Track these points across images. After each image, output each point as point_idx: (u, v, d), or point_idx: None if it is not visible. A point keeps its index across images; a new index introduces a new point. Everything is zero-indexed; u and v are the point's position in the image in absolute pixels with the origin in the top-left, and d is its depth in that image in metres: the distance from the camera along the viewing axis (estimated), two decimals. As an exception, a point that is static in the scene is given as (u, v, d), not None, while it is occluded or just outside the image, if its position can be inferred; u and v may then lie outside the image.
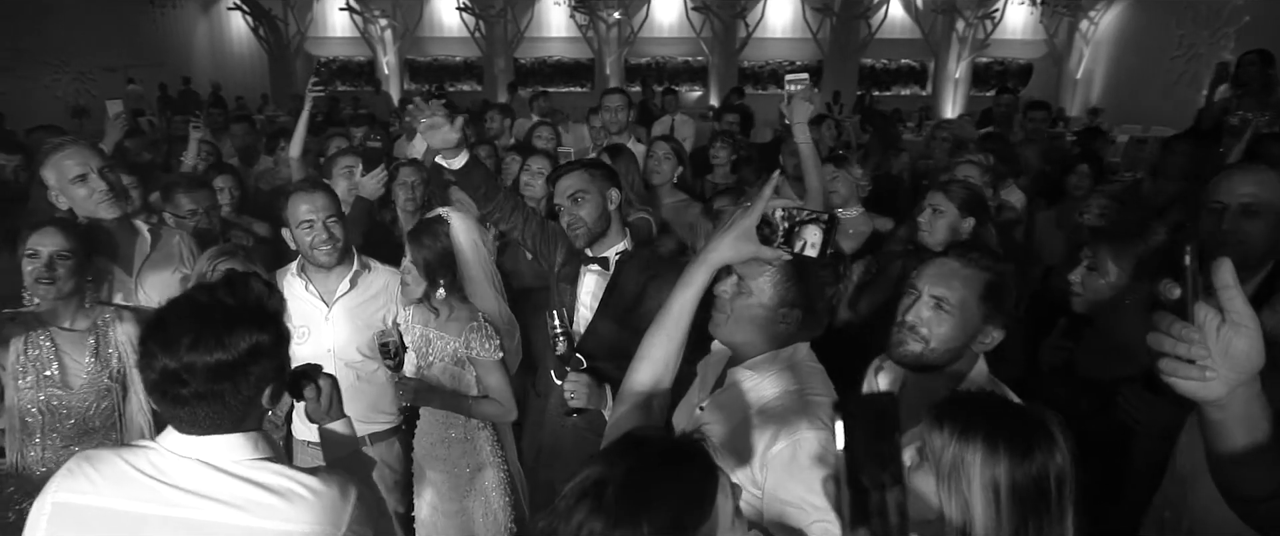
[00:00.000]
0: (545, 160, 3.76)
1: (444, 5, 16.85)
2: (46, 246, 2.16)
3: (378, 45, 16.70)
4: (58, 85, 12.85)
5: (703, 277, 1.40)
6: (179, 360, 1.19)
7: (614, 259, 2.41)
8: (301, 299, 2.57)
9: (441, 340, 2.46)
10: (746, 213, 1.35)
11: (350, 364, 2.59)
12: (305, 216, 2.46)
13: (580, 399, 2.23)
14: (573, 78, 17.13)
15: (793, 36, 16.63)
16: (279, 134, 5.72)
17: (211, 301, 1.25)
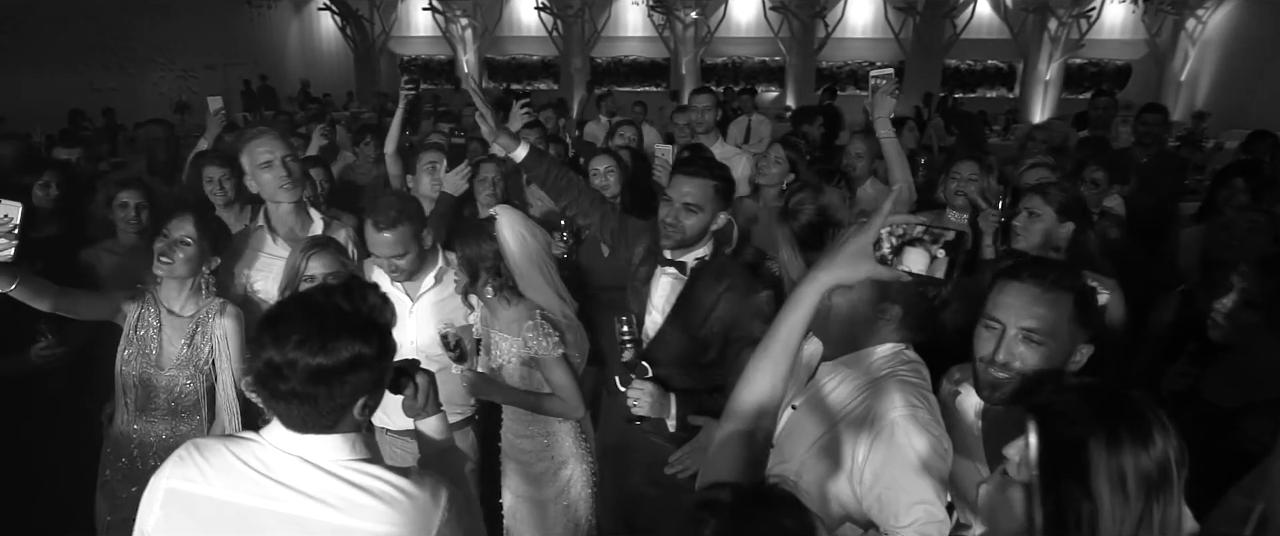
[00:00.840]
0: (611, 160, 3.73)
1: (523, 4, 17.13)
2: (176, 231, 2.37)
3: (458, 44, 17.10)
4: (163, 82, 13.57)
5: (813, 299, 1.29)
6: (284, 355, 1.22)
7: (691, 265, 2.35)
8: (387, 292, 2.60)
9: (505, 340, 2.46)
10: (863, 229, 1.24)
11: (431, 357, 2.59)
12: (376, 251, 2.50)
13: (643, 407, 2.21)
14: (648, 77, 17.14)
15: (873, 36, 16.23)
16: (364, 130, 5.88)
17: (326, 304, 1.27)
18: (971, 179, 3.25)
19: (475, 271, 2.41)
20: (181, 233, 2.37)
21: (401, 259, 2.50)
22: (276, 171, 2.69)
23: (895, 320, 1.64)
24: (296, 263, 2.41)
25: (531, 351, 2.37)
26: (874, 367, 1.64)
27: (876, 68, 2.91)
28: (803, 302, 1.29)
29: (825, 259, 1.28)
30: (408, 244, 2.49)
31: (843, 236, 1.27)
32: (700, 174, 2.29)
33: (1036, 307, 1.52)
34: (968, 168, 3.29)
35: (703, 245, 2.35)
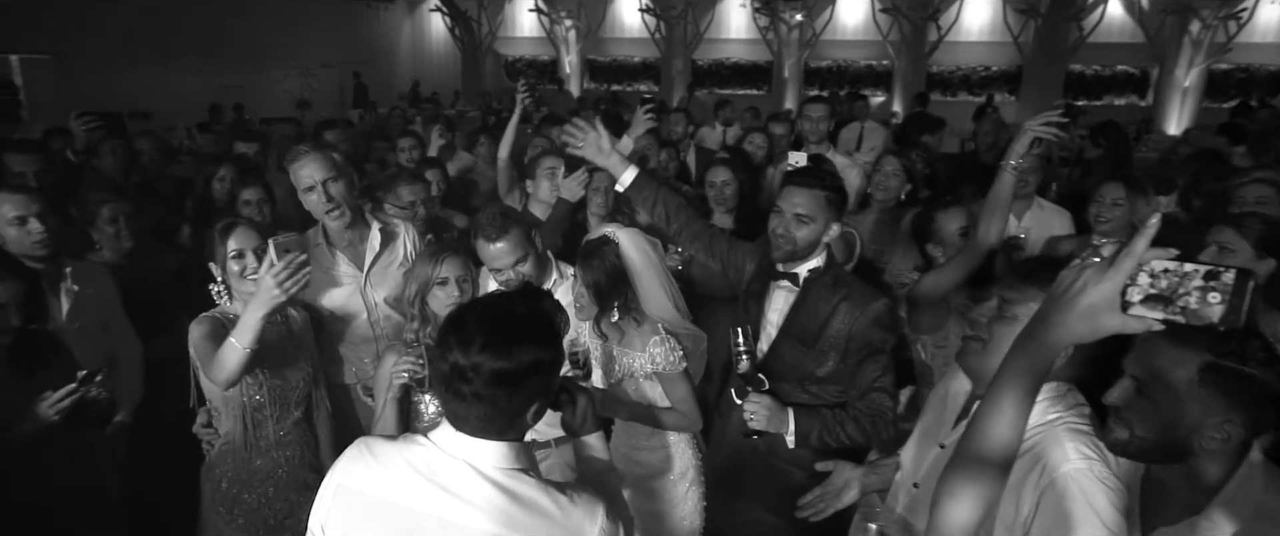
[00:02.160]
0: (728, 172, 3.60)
1: (626, 6, 17.21)
2: (249, 244, 2.33)
3: (562, 45, 17.35)
4: (287, 79, 14.35)
5: (1048, 365, 1.08)
6: (469, 358, 1.24)
7: (804, 276, 2.26)
8: None
9: (626, 357, 2.42)
10: (1103, 274, 0.99)
11: None
12: (493, 265, 2.46)
13: (760, 421, 2.15)
14: (749, 80, 16.89)
15: (989, 40, 15.44)
16: (478, 132, 5.98)
17: (507, 309, 1.31)
18: (1117, 203, 2.98)
19: (603, 296, 2.36)
20: (253, 244, 2.36)
21: (523, 264, 2.45)
22: (318, 195, 2.59)
23: (1064, 358, 1.48)
24: (427, 270, 2.40)
25: (657, 366, 2.34)
26: (1039, 411, 1.48)
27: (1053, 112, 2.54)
28: (1036, 370, 1.07)
29: (1051, 313, 1.04)
30: (524, 246, 2.45)
31: (1068, 282, 1.04)
32: (811, 184, 2.22)
33: (1156, 357, 1.29)
34: (1114, 190, 3.01)
35: (816, 256, 2.27)
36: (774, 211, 2.25)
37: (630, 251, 2.38)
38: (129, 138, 4.22)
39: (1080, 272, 1.03)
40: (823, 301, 2.21)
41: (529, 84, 4.44)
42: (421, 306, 2.34)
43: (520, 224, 2.48)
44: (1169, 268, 0.95)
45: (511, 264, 2.43)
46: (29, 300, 2.14)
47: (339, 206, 2.61)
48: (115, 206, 2.96)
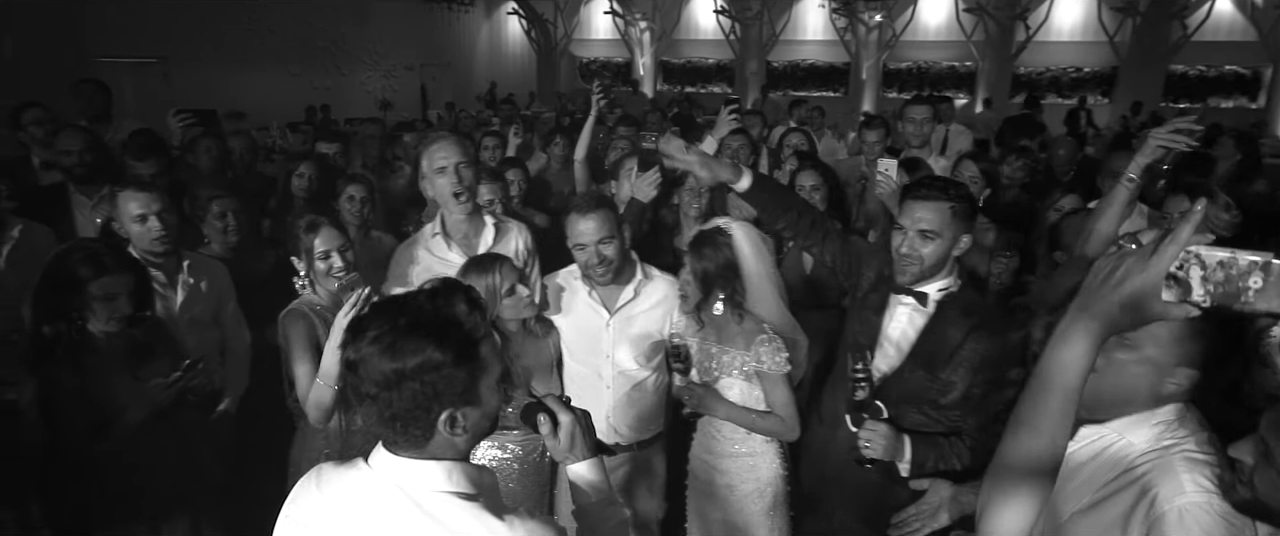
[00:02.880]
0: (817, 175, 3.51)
1: (701, 8, 17.14)
2: (335, 244, 2.42)
3: (636, 47, 17.40)
4: (370, 81, 14.82)
5: (1091, 356, 1.02)
6: (358, 352, 1.16)
7: (935, 297, 2.12)
8: (584, 305, 2.58)
9: (727, 354, 2.37)
10: (1146, 262, 0.95)
11: (626, 373, 2.57)
12: (579, 240, 2.45)
13: (877, 450, 2.04)
14: (826, 82, 16.60)
15: (1082, 39, 14.74)
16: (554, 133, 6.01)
17: (408, 305, 1.19)
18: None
19: (710, 285, 2.33)
20: (338, 243, 2.45)
21: (607, 245, 2.42)
22: (450, 177, 2.61)
23: (1185, 380, 1.35)
24: (491, 283, 2.40)
25: (762, 365, 2.29)
26: (1153, 436, 1.36)
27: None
28: (1078, 363, 1.02)
29: (1092, 302, 1.00)
30: (613, 228, 2.44)
31: (1107, 271, 0.99)
32: (934, 196, 2.07)
33: None
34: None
35: (945, 274, 2.13)
36: (896, 229, 2.13)
37: (743, 245, 2.35)
38: (223, 136, 4.38)
39: (1120, 261, 0.98)
40: (955, 327, 2.07)
41: (604, 85, 4.43)
42: (492, 319, 2.35)
43: (614, 209, 2.49)
44: (1222, 259, 0.91)
45: (596, 241, 2.41)
46: (138, 290, 2.23)
47: (467, 191, 2.64)
48: (224, 202, 3.08)
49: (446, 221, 2.73)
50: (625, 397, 2.57)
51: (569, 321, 2.60)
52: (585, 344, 2.57)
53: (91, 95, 4.78)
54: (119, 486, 2.24)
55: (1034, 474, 1.08)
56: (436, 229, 2.73)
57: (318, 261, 2.41)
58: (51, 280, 2.17)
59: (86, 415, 2.15)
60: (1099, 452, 1.41)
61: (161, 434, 2.26)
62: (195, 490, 2.42)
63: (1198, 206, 0.97)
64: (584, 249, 2.44)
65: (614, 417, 2.57)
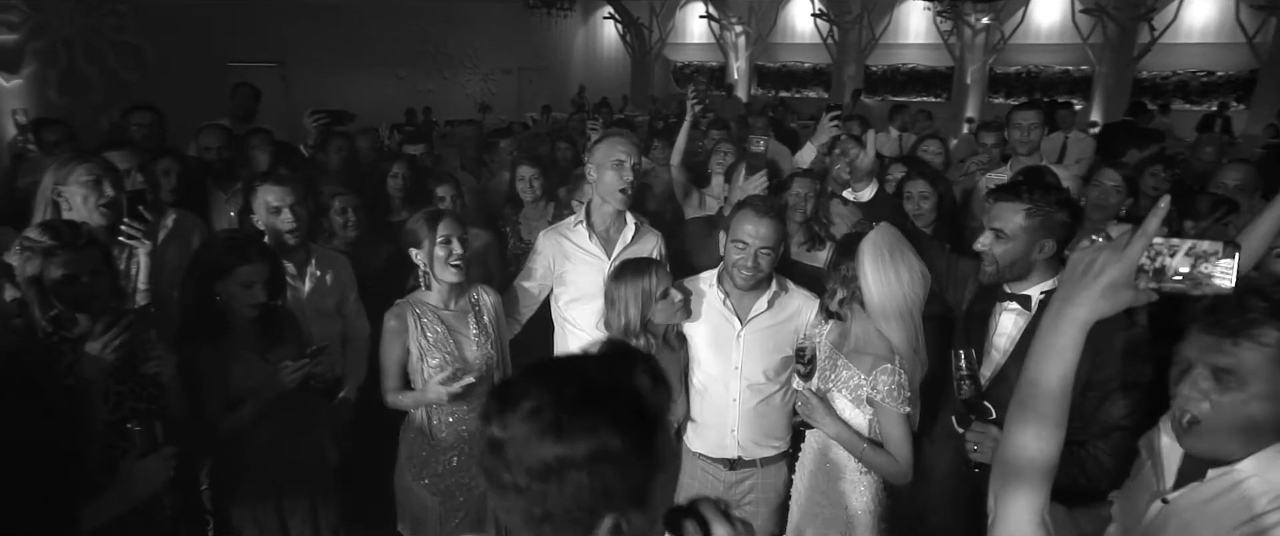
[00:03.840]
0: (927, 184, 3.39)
1: (798, 11, 16.89)
2: (456, 233, 2.48)
3: (731, 51, 17.30)
4: (470, 84, 15.30)
5: (1079, 341, 1.12)
6: (506, 428, 0.89)
7: (1038, 298, 2.06)
8: (716, 312, 2.55)
9: (848, 371, 2.27)
10: (1120, 254, 1.08)
11: (753, 385, 2.52)
12: (744, 238, 2.41)
13: (985, 453, 1.96)
14: (927, 86, 16.03)
15: (1214, 41, 13.70)
16: (651, 136, 6.04)
17: (577, 371, 0.94)
18: None
19: (846, 286, 2.27)
20: (459, 232, 2.51)
21: (769, 255, 2.40)
22: (623, 173, 2.70)
23: None
24: (647, 284, 2.40)
25: (877, 395, 2.19)
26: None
27: None
28: (1069, 347, 1.11)
29: (1074, 293, 1.11)
30: (780, 239, 2.42)
31: (1085, 263, 1.11)
32: (1009, 197, 2.05)
33: None
34: None
35: (1048, 275, 2.06)
36: (973, 227, 2.10)
37: (866, 248, 2.23)
38: (351, 135, 4.60)
39: (1096, 254, 1.10)
40: None
41: (699, 90, 4.41)
42: (644, 322, 2.36)
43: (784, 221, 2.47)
44: (1188, 247, 1.05)
45: (759, 246, 2.38)
46: (272, 280, 2.36)
47: (628, 187, 2.72)
48: (346, 199, 3.23)
49: (593, 214, 2.83)
50: (752, 412, 2.52)
51: (700, 328, 2.57)
52: (714, 353, 2.54)
53: (246, 98, 5.24)
54: (248, 463, 2.38)
55: (1039, 464, 1.14)
56: (580, 219, 2.83)
57: (438, 248, 2.47)
58: (199, 266, 2.33)
59: (221, 392, 2.30)
60: (1224, 490, 1.33)
61: (286, 416, 2.38)
62: (314, 472, 2.54)
63: (1163, 203, 1.08)
64: (744, 248, 2.40)
65: (739, 432, 2.53)
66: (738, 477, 2.57)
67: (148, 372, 2.12)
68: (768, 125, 7.20)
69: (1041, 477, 1.14)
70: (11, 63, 7.94)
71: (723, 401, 2.52)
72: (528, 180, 3.86)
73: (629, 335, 2.38)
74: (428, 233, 2.47)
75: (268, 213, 2.77)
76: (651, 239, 2.90)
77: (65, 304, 1.93)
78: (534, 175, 3.87)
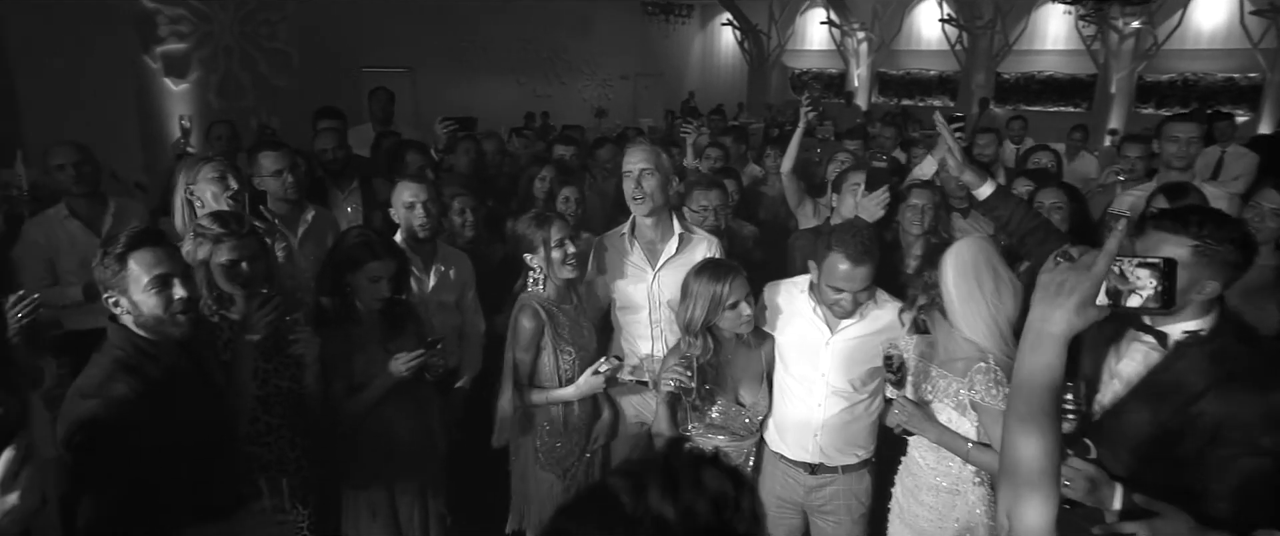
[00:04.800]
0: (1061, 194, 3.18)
1: (925, 16, 16.25)
2: (567, 233, 2.59)
3: (851, 57, 16.82)
4: (586, 89, 15.61)
5: (1062, 352, 1.23)
6: None
7: (1177, 338, 1.82)
8: (806, 319, 2.53)
9: (944, 380, 2.22)
10: (1086, 275, 1.21)
11: (840, 393, 2.50)
12: (840, 283, 2.38)
13: (1077, 491, 1.79)
14: (1064, 95, 15.02)
15: None
16: (765, 144, 5.95)
17: (639, 514, 0.72)
18: None
19: (931, 293, 2.24)
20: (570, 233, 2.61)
21: (863, 293, 2.39)
22: (630, 182, 2.75)
23: None
24: (718, 290, 2.39)
25: (975, 396, 2.12)
26: None
27: None
28: (1054, 363, 1.22)
29: (1050, 312, 1.22)
30: (874, 273, 2.38)
31: (1056, 283, 1.23)
32: (1173, 227, 1.76)
33: None
34: None
35: (1195, 315, 1.82)
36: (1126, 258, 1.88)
37: (948, 259, 2.17)
38: (478, 139, 4.81)
39: (1066, 275, 1.23)
40: (1196, 374, 1.76)
41: (813, 97, 4.31)
42: (705, 327, 2.38)
43: (876, 253, 2.37)
44: (1140, 263, 1.28)
45: (859, 290, 2.36)
46: (398, 276, 2.49)
47: (645, 198, 2.74)
48: (465, 199, 3.37)
49: (636, 224, 2.88)
50: (836, 418, 2.51)
51: (789, 334, 2.57)
52: (802, 359, 2.53)
53: (384, 102, 5.62)
54: (364, 446, 2.49)
55: (1042, 471, 1.22)
56: (624, 230, 2.88)
57: (553, 250, 2.55)
58: (333, 259, 2.48)
59: (346, 377, 2.44)
60: None
61: (402, 403, 2.50)
62: (425, 459, 2.63)
63: (1120, 226, 1.21)
64: (841, 293, 2.38)
65: (822, 437, 2.52)
66: (818, 482, 2.56)
67: (292, 353, 2.30)
68: (897, 136, 6.96)
69: (1050, 483, 1.22)
70: (180, 69, 8.74)
71: (807, 406, 2.51)
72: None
73: (690, 332, 2.42)
74: (542, 236, 2.56)
75: (403, 208, 2.91)
76: (703, 245, 2.88)
77: (236, 285, 2.18)
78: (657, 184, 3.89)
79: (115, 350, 1.81)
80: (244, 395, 2.13)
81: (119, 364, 1.79)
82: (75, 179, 3.31)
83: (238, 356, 2.12)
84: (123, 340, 1.83)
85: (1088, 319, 1.21)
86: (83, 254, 3.19)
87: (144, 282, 1.80)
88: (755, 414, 2.57)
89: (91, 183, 3.37)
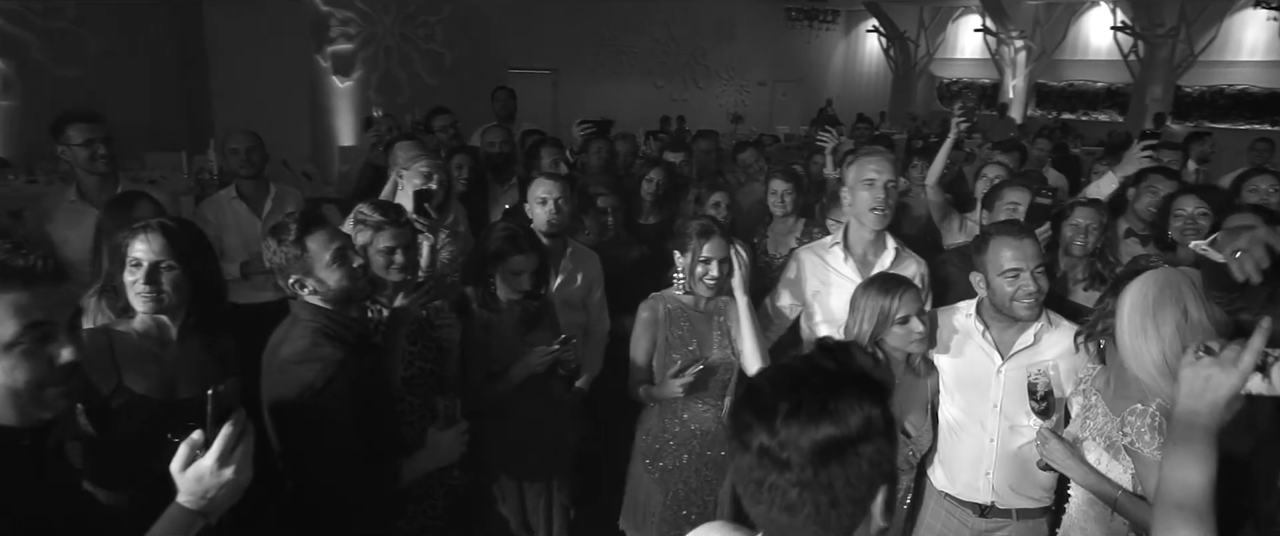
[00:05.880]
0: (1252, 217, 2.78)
1: (1094, 24, 15.02)
2: (719, 255, 2.51)
3: (1007, 67, 15.79)
4: (723, 94, 15.56)
5: (1214, 444, 1.22)
6: (774, 434, 0.92)
7: None
8: (974, 346, 2.35)
9: (1104, 416, 1.99)
10: (1232, 372, 1.21)
11: (1016, 427, 2.29)
12: (1013, 264, 2.20)
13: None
14: (1262, 111, 13.43)
15: None
16: (910, 155, 5.67)
17: (809, 367, 0.99)
18: None
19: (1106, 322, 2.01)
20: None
21: (1044, 272, 2.26)
22: (875, 192, 2.60)
23: None
24: (887, 304, 2.27)
25: (1127, 439, 1.89)
26: None
27: None
28: (1207, 455, 1.21)
29: (1200, 407, 1.23)
30: (1042, 254, 2.27)
31: (1201, 381, 1.23)
32: None
33: None
34: None
35: None
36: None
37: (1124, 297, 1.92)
38: (610, 139, 4.88)
39: (1210, 371, 1.22)
40: None
41: (966, 107, 4.04)
42: (872, 344, 2.27)
43: None
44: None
45: (1034, 267, 2.21)
46: (539, 271, 2.54)
47: (889, 210, 2.64)
48: (608, 199, 3.39)
49: (850, 236, 2.75)
50: (1013, 456, 2.30)
51: (954, 362, 2.40)
52: (970, 389, 2.36)
53: (506, 100, 5.79)
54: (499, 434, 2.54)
55: None
56: (837, 240, 2.76)
57: (699, 265, 2.52)
58: (480, 250, 2.56)
59: (484, 366, 2.51)
60: None
61: (533, 396, 2.54)
62: (553, 452, 2.66)
63: (1265, 323, 1.18)
64: (1018, 275, 2.21)
65: (995, 475, 2.32)
66: (989, 526, 2.36)
67: (436, 337, 2.39)
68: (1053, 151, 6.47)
69: None
70: (345, 67, 9.41)
71: (978, 441, 2.33)
72: (780, 195, 3.79)
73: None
74: (696, 246, 2.52)
75: (537, 202, 2.97)
76: (913, 264, 2.77)
77: (391, 271, 2.30)
78: (787, 190, 3.80)
79: (310, 323, 1.94)
80: (393, 375, 2.23)
81: (319, 332, 1.92)
82: (245, 163, 3.59)
83: (388, 338, 2.22)
84: (313, 314, 1.95)
85: (1233, 411, 1.22)
86: (246, 233, 3.50)
87: (326, 259, 1.93)
88: (919, 447, 2.43)
89: (258, 168, 3.64)
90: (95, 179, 3.19)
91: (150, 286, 1.86)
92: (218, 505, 1.26)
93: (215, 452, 1.23)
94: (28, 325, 1.15)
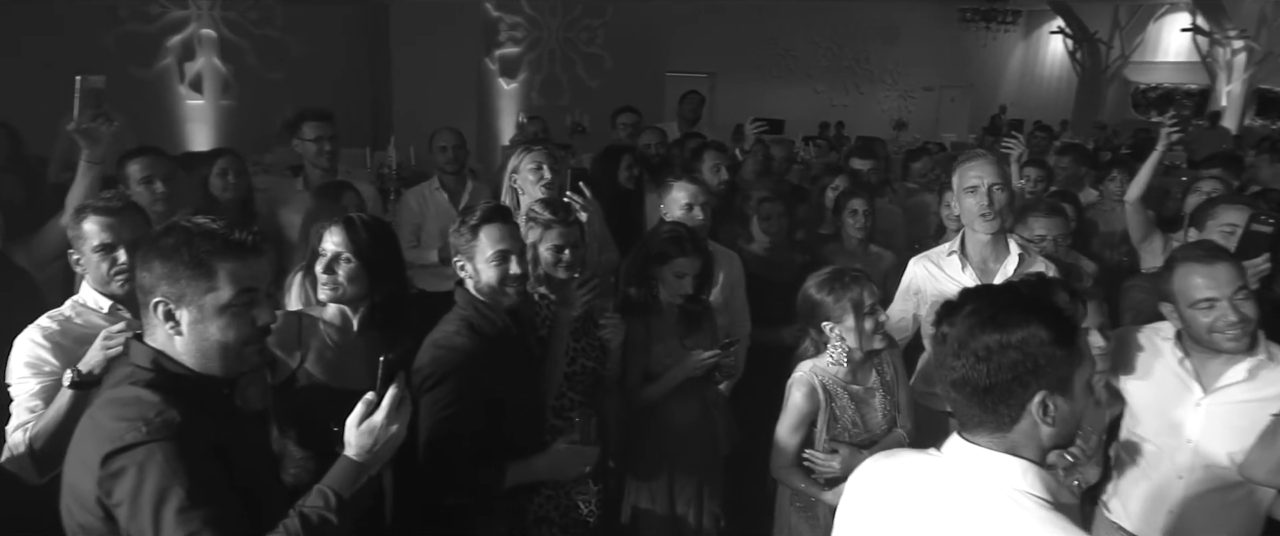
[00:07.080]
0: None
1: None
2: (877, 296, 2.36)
3: (1221, 71, 14.00)
4: (886, 100, 14.94)
5: None
6: (953, 328, 1.18)
7: None
8: (1170, 373, 2.12)
9: None
10: None
11: (1213, 469, 2.04)
12: (1206, 294, 1.97)
13: None
14: None
15: None
16: (1110, 165, 5.15)
17: (1005, 290, 1.24)
18: None
19: None
20: None
21: (1248, 298, 2.00)
22: (979, 198, 2.52)
23: None
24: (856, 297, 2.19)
25: None
26: None
27: None
28: None
29: None
30: (1241, 278, 2.01)
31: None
32: None
33: None
34: None
35: None
36: None
37: None
38: (767, 144, 4.78)
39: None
40: None
41: (1181, 116, 3.55)
42: None
43: None
44: None
45: (1233, 292, 1.96)
46: (702, 274, 2.51)
47: (996, 215, 2.55)
48: (772, 206, 3.31)
49: (967, 242, 2.67)
50: (1203, 499, 2.07)
51: (1144, 386, 2.18)
52: (1160, 419, 2.14)
53: (695, 105, 5.90)
54: (654, 436, 2.54)
55: None
56: (954, 248, 2.68)
57: (866, 318, 2.30)
58: (644, 252, 2.57)
59: (642, 366, 2.51)
60: None
61: (690, 400, 2.53)
62: (706, 457, 2.62)
63: None
64: (1214, 305, 1.96)
65: (1178, 515, 2.11)
66: None
67: (599, 335, 2.40)
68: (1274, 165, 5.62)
69: None
70: (511, 70, 9.82)
71: (1165, 475, 2.13)
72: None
73: None
74: (851, 299, 2.26)
75: (678, 208, 2.93)
76: (1040, 268, 2.60)
77: (559, 269, 2.32)
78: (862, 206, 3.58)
79: (462, 310, 2.06)
80: (556, 369, 2.27)
81: (464, 321, 2.02)
82: (450, 159, 3.89)
83: (554, 333, 2.26)
84: (466, 301, 2.06)
85: None
86: (444, 222, 3.68)
87: (489, 254, 2.01)
88: (1086, 479, 2.19)
89: (460, 163, 3.94)
90: (319, 171, 3.52)
91: (329, 276, 1.99)
92: (379, 458, 1.42)
93: (385, 409, 1.41)
94: (240, 290, 1.35)
